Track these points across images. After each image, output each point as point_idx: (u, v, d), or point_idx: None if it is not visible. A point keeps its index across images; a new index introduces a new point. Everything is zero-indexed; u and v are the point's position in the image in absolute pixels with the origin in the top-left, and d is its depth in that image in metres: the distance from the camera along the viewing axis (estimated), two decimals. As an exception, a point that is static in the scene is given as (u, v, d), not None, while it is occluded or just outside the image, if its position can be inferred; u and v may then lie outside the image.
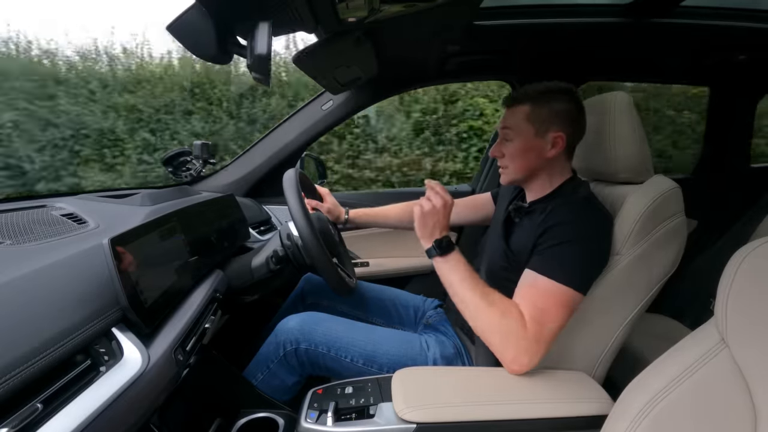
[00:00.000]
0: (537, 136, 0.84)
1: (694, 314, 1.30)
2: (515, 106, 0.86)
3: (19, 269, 0.52)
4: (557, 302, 0.73)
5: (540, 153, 0.85)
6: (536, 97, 0.84)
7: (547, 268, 0.75)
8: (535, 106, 0.84)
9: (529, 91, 0.85)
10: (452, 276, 0.79)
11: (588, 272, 0.77)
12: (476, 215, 1.22)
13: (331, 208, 1.23)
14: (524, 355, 0.73)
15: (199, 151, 1.33)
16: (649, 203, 0.76)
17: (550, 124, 0.83)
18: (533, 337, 0.72)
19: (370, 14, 0.82)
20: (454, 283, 0.79)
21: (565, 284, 0.73)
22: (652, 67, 1.58)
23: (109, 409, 0.48)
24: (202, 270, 0.89)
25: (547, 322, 0.73)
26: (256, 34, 0.67)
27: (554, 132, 0.83)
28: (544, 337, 0.73)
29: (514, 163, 0.87)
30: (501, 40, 1.34)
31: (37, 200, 0.93)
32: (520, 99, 0.85)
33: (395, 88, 1.63)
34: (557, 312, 0.73)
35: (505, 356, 0.74)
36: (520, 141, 0.85)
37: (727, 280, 0.50)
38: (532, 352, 0.72)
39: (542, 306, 0.73)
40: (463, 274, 0.79)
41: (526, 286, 0.77)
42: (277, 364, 0.92)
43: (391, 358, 0.91)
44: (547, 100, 0.83)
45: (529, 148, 0.85)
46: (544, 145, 0.84)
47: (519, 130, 0.85)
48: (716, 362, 0.49)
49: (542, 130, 0.83)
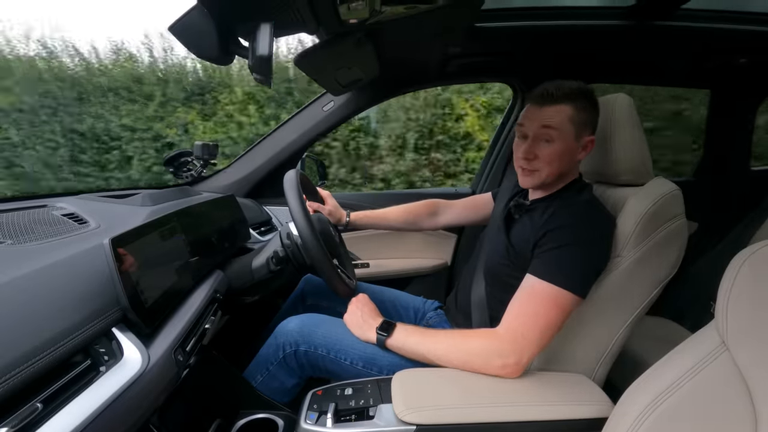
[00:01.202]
0: (575, 140, 0.81)
1: (695, 317, 1.30)
2: (556, 105, 0.80)
3: (20, 269, 0.53)
4: (552, 305, 0.74)
5: (573, 157, 0.83)
6: (575, 98, 0.79)
7: (546, 272, 0.75)
8: (576, 107, 0.79)
9: (566, 91, 0.79)
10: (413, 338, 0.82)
11: (587, 276, 0.77)
12: (477, 215, 1.22)
13: (333, 210, 1.23)
14: (510, 355, 0.73)
15: (199, 151, 1.33)
16: (650, 205, 0.75)
17: (586, 127, 0.82)
18: (511, 338, 0.73)
19: (371, 16, 0.82)
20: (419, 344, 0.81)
21: (563, 287, 0.73)
22: (654, 70, 1.58)
23: (108, 409, 0.48)
24: (203, 270, 0.89)
25: (532, 321, 0.73)
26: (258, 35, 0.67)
27: (588, 135, 0.82)
28: (527, 336, 0.73)
29: (551, 166, 0.82)
30: (502, 43, 1.35)
31: (38, 200, 0.93)
32: (561, 98, 0.79)
33: (396, 89, 1.63)
34: (550, 314, 0.73)
35: (494, 365, 0.75)
36: (562, 144, 0.80)
37: (727, 283, 0.50)
38: (518, 352, 0.73)
39: (534, 308, 0.74)
40: (421, 333, 0.82)
41: (525, 289, 0.77)
42: (276, 366, 0.92)
43: (391, 360, 0.90)
44: (583, 102, 0.80)
45: (569, 152, 0.82)
46: (577, 149, 0.83)
47: (562, 132, 0.80)
48: (716, 365, 0.48)
49: (579, 133, 0.81)
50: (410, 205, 1.26)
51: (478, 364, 0.76)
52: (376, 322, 0.86)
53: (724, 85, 1.71)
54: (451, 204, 1.26)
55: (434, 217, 1.26)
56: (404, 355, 0.83)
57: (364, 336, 0.86)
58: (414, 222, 1.26)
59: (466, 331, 0.79)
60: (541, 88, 0.82)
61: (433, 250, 1.62)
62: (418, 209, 1.25)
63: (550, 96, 0.80)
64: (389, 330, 0.83)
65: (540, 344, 0.74)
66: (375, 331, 0.84)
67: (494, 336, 0.76)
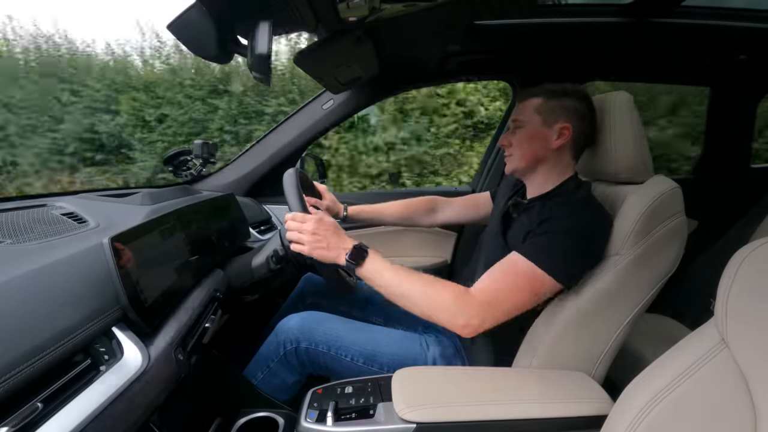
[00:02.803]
0: (544, 126, 0.86)
1: (694, 314, 1.30)
2: (527, 100, 0.89)
3: (19, 268, 0.52)
4: (530, 285, 0.74)
5: (546, 143, 0.86)
6: (548, 93, 0.87)
7: (531, 252, 0.76)
8: (545, 99, 0.87)
9: (542, 88, 0.88)
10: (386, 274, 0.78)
11: (573, 266, 0.77)
12: (476, 214, 1.22)
13: (330, 205, 1.23)
14: (475, 317, 0.73)
15: (199, 150, 1.33)
16: (650, 203, 0.75)
17: (558, 116, 0.85)
18: (483, 301, 0.74)
19: (370, 13, 0.82)
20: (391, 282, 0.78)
21: (545, 271, 0.74)
22: (653, 67, 1.58)
23: (109, 409, 0.48)
24: (203, 269, 0.89)
25: (506, 294, 0.74)
26: (257, 33, 0.67)
27: (561, 123, 0.85)
28: (497, 306, 0.74)
29: (521, 149, 0.89)
30: (501, 40, 1.34)
31: (38, 199, 0.93)
32: (533, 93, 0.89)
33: (396, 87, 1.63)
34: (524, 292, 0.74)
35: (456, 324, 0.74)
36: (528, 129, 0.88)
37: (727, 281, 0.50)
38: (482, 317, 0.73)
39: (514, 283, 0.75)
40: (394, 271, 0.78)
41: (508, 262, 0.78)
42: (277, 364, 0.92)
43: (392, 357, 0.91)
44: (558, 96, 0.86)
45: (536, 136, 0.87)
46: (550, 135, 0.86)
47: (527, 120, 0.88)
48: (716, 362, 0.48)
49: (550, 121, 0.86)
50: (409, 201, 1.25)
51: (443, 318, 0.75)
52: (345, 245, 0.80)
53: (723, 83, 1.71)
54: (450, 201, 1.26)
55: (432, 214, 1.26)
56: (371, 285, 0.80)
57: (331, 259, 0.81)
58: (412, 218, 1.26)
59: (438, 280, 0.77)
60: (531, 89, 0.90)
61: (433, 248, 1.62)
62: (417, 205, 1.25)
63: (524, 94, 0.90)
64: (360, 259, 0.79)
65: (505, 317, 0.75)
66: (344, 257, 0.79)
67: (466, 297, 0.75)
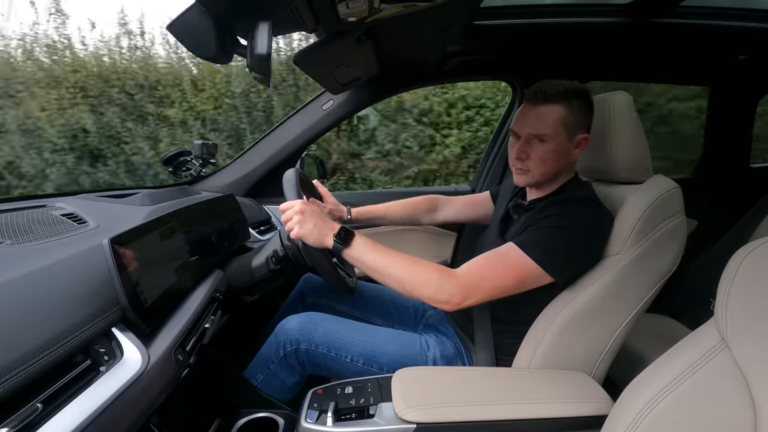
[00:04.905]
0: (568, 140, 0.81)
1: (694, 314, 1.30)
2: (548, 105, 0.80)
3: (19, 269, 0.52)
4: (518, 273, 0.75)
5: (568, 156, 0.84)
6: (568, 98, 0.80)
7: (524, 243, 0.76)
8: (567, 107, 0.80)
9: (559, 90, 0.80)
10: (370, 254, 0.78)
11: (566, 261, 0.77)
12: (476, 213, 1.22)
13: (333, 208, 1.22)
14: (457, 294, 0.74)
15: (199, 150, 1.33)
16: (650, 203, 0.76)
17: (579, 127, 0.82)
18: (467, 279, 0.74)
19: (370, 14, 0.82)
20: (375, 261, 0.77)
21: (536, 262, 0.74)
22: (653, 67, 1.58)
23: (108, 409, 0.48)
24: (202, 270, 0.89)
25: (490, 276, 0.75)
26: (256, 33, 0.67)
27: (582, 135, 0.82)
28: (480, 285, 0.74)
29: (544, 166, 0.83)
30: (501, 40, 1.34)
31: (37, 200, 0.93)
32: (553, 98, 0.80)
33: (395, 87, 1.63)
34: (510, 279, 0.75)
35: (439, 299, 0.74)
36: (554, 144, 0.81)
37: (727, 280, 0.50)
38: (465, 294, 0.74)
39: (502, 268, 0.75)
40: (380, 251, 0.78)
41: (500, 249, 0.78)
42: (277, 365, 0.92)
43: (392, 357, 0.91)
44: (577, 102, 0.80)
45: (561, 152, 0.82)
46: (571, 148, 0.83)
47: (554, 133, 0.80)
48: (716, 362, 0.48)
49: (572, 133, 0.81)
50: (410, 200, 1.26)
51: (427, 293, 0.75)
52: (332, 229, 0.80)
53: (723, 82, 1.71)
54: (451, 200, 1.26)
55: (433, 213, 1.26)
56: (358, 267, 0.81)
57: (320, 244, 0.81)
58: (414, 217, 1.26)
59: (423, 261, 0.77)
60: (536, 87, 0.82)
61: (433, 248, 1.62)
62: (418, 204, 1.25)
63: (543, 95, 0.80)
64: (347, 240, 0.79)
65: (487, 298, 0.75)
66: (332, 238, 0.79)
67: (451, 276, 0.75)
